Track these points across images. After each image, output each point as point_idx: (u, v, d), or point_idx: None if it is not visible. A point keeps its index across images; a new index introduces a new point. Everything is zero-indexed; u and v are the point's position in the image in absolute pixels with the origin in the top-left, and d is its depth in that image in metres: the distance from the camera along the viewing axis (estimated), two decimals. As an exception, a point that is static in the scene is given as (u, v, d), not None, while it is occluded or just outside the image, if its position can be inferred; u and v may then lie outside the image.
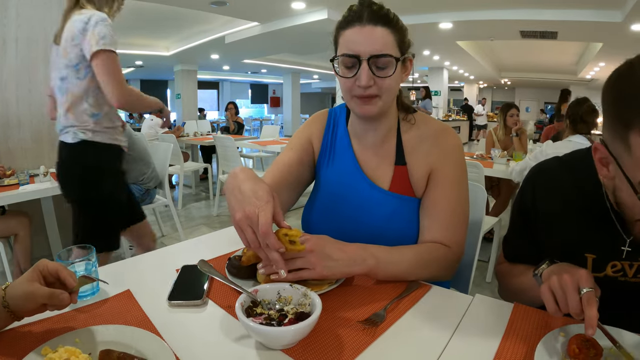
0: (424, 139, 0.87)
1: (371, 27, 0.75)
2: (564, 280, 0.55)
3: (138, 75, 13.28)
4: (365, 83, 0.75)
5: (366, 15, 0.75)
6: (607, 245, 0.68)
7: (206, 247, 0.97)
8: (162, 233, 3.31)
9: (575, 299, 0.53)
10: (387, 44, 0.75)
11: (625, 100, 0.50)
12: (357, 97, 0.79)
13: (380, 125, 0.89)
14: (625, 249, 0.65)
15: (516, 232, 0.83)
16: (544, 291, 0.57)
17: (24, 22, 2.40)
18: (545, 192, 0.75)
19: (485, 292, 2.33)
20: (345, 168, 0.93)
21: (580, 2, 4.69)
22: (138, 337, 0.55)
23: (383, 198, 0.87)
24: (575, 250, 0.70)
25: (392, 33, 0.76)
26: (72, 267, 0.69)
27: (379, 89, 0.78)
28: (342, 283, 0.73)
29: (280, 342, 0.55)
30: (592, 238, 0.69)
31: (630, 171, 0.52)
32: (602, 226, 0.67)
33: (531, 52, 9.05)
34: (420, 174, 0.86)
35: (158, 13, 5.79)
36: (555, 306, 0.55)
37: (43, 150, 2.57)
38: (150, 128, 4.81)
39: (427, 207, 0.85)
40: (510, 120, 3.30)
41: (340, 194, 0.92)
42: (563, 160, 0.76)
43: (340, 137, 0.96)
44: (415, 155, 0.87)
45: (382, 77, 0.76)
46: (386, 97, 0.80)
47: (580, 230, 0.70)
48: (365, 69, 0.75)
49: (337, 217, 0.91)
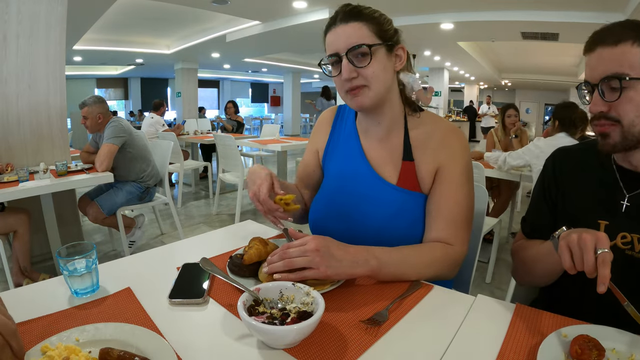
0: (432, 136, 0.89)
1: (343, 25, 0.81)
2: (583, 238, 0.57)
3: (138, 73, 13.25)
4: (347, 75, 0.80)
5: (339, 17, 0.82)
6: (612, 206, 0.74)
7: (207, 245, 0.97)
8: (162, 231, 3.30)
9: (591, 257, 0.55)
10: (361, 36, 0.80)
11: None
12: (347, 91, 0.84)
13: (383, 119, 0.90)
14: (624, 204, 0.73)
15: (536, 206, 0.88)
16: (562, 247, 0.60)
17: (25, 19, 2.40)
18: (564, 165, 0.83)
19: (485, 292, 2.33)
20: (352, 162, 0.94)
21: (581, 4, 4.69)
22: (139, 335, 0.55)
23: (390, 192, 0.88)
24: (589, 217, 0.76)
25: (367, 24, 0.81)
26: (72, 264, 0.69)
27: (364, 78, 0.81)
28: (345, 282, 0.73)
29: (282, 342, 0.54)
30: (603, 203, 0.75)
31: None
32: (610, 190, 0.75)
33: (532, 54, 9.05)
34: (427, 170, 0.87)
35: (159, 11, 5.78)
36: (571, 262, 0.58)
37: (43, 147, 2.56)
38: (150, 126, 4.81)
39: (432, 205, 0.86)
40: (508, 121, 3.29)
41: (346, 185, 0.93)
42: (582, 142, 0.87)
43: (347, 132, 0.98)
44: (423, 152, 0.88)
45: (362, 66, 0.80)
46: (375, 85, 0.82)
47: (593, 197, 0.77)
48: (344, 63, 0.80)
49: (343, 210, 0.92)
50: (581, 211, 0.78)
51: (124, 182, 2.53)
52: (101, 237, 3.21)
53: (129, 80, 14.28)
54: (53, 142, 2.62)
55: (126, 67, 11.81)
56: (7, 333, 0.46)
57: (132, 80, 14.31)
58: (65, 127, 2.70)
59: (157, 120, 4.89)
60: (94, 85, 13.26)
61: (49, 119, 2.58)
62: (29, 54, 2.44)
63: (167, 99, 14.17)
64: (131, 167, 2.53)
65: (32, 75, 2.47)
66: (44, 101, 2.54)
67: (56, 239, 2.36)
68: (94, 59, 9.55)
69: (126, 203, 2.52)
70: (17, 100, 2.43)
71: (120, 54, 8.62)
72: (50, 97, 2.57)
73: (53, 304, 0.66)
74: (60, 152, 2.65)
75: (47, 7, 2.49)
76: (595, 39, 0.69)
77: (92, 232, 3.33)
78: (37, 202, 2.27)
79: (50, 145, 2.61)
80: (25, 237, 2.10)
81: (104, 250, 2.94)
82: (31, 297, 0.70)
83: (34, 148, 2.52)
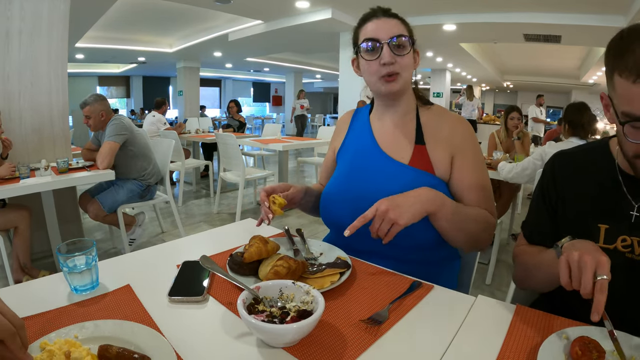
0: (442, 125, 0.96)
1: (385, 18, 0.92)
2: (584, 259, 0.56)
3: (140, 71, 13.26)
4: (389, 59, 0.88)
5: (379, 12, 0.93)
6: (617, 213, 0.73)
7: (207, 244, 0.97)
8: (162, 229, 3.30)
9: (589, 280, 0.55)
10: (401, 29, 0.91)
11: (610, 51, 0.64)
12: (382, 76, 0.91)
13: (399, 107, 0.99)
14: (634, 214, 0.71)
15: (536, 210, 0.88)
16: (562, 263, 0.59)
17: (28, 16, 2.40)
18: (564, 168, 0.84)
19: (485, 294, 2.32)
20: (364, 148, 1.01)
21: (584, 6, 4.68)
22: (138, 333, 0.55)
23: (401, 170, 0.93)
24: (589, 220, 0.75)
25: (403, 24, 0.93)
26: (72, 260, 0.69)
27: (400, 66, 0.90)
28: (344, 281, 0.73)
29: (282, 340, 0.54)
30: (604, 207, 0.75)
31: (617, 106, 0.64)
32: (613, 195, 0.74)
33: (534, 56, 9.04)
34: (441, 156, 0.93)
35: (162, 10, 5.78)
36: (568, 279, 0.58)
37: (44, 144, 2.57)
38: (152, 124, 4.81)
39: (458, 182, 0.93)
40: (511, 123, 3.28)
41: (358, 165, 0.99)
42: (579, 146, 0.86)
43: (360, 125, 1.06)
44: (435, 139, 0.95)
45: (401, 54, 0.89)
46: (405, 74, 0.91)
47: (593, 201, 0.77)
48: (386, 49, 0.88)
49: (354, 186, 0.97)
50: (581, 214, 0.77)
51: (125, 180, 2.53)
52: (101, 235, 3.21)
53: (130, 78, 14.29)
54: (54, 139, 2.62)
55: (128, 65, 11.81)
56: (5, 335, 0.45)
57: (134, 79, 14.32)
58: (67, 125, 2.70)
59: (158, 119, 4.89)
60: (96, 83, 13.26)
61: (50, 116, 2.58)
62: (31, 52, 2.44)
63: (168, 98, 14.16)
64: (132, 165, 2.53)
65: (35, 72, 2.47)
66: (45, 99, 2.54)
67: (56, 236, 2.36)
68: (96, 57, 9.55)
69: (127, 201, 2.52)
70: (19, 98, 2.43)
71: (123, 52, 8.62)
72: (52, 95, 2.57)
73: (52, 301, 0.66)
74: (61, 150, 2.65)
75: (50, 4, 2.48)
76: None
77: (93, 229, 3.33)
78: (37, 199, 2.27)
79: (51, 142, 2.61)
80: (25, 234, 2.10)
81: (104, 247, 2.95)
82: (31, 293, 0.70)
83: (35, 145, 2.52)
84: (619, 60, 0.60)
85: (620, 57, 0.60)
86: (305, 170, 6.36)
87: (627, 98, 0.60)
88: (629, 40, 0.60)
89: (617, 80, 0.62)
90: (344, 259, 0.81)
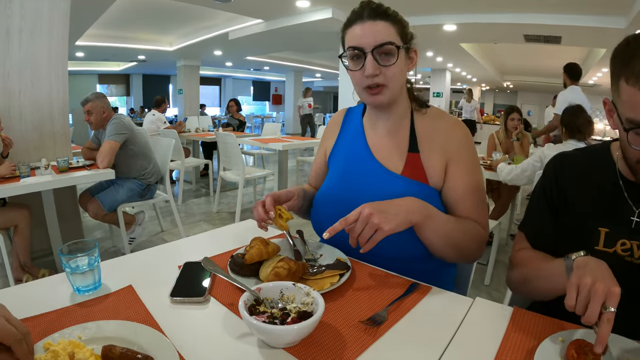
0: (438, 130, 0.92)
1: (371, 22, 0.82)
2: (596, 287, 0.54)
3: (140, 70, 13.23)
4: (372, 72, 0.81)
5: (366, 13, 0.83)
6: (618, 217, 0.73)
7: (208, 244, 0.97)
8: (162, 228, 3.31)
9: (596, 312, 0.53)
10: (389, 35, 0.82)
11: (616, 58, 0.64)
12: (367, 88, 0.85)
13: (391, 114, 0.94)
14: (634, 219, 0.71)
15: (539, 213, 0.86)
16: (571, 285, 0.56)
17: (28, 14, 2.40)
18: (565, 170, 0.83)
19: (483, 294, 2.34)
20: (356, 154, 0.97)
21: (584, 7, 4.68)
22: (140, 333, 0.56)
23: (393, 180, 0.90)
24: (589, 223, 0.75)
25: (392, 25, 0.83)
26: (75, 261, 0.70)
27: (385, 78, 0.83)
28: (344, 283, 0.74)
29: (282, 341, 0.55)
30: (604, 211, 0.75)
31: (621, 112, 0.64)
32: (614, 200, 0.74)
33: (534, 56, 9.02)
34: (435, 163, 0.89)
35: (162, 8, 5.77)
36: (574, 303, 0.55)
37: (44, 142, 2.57)
38: (151, 123, 4.81)
39: (451, 192, 0.89)
40: (511, 124, 3.29)
41: (350, 172, 0.96)
42: (581, 148, 0.86)
43: (353, 128, 1.02)
44: (429, 145, 0.91)
45: (387, 65, 0.82)
46: (393, 85, 0.85)
47: (594, 204, 0.76)
48: (370, 59, 0.81)
49: (345, 196, 0.93)
50: (581, 217, 0.77)
51: (125, 179, 2.53)
52: (101, 234, 3.22)
53: (130, 76, 14.26)
54: (55, 138, 2.62)
55: (128, 64, 11.78)
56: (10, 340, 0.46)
57: (134, 77, 14.29)
58: (67, 123, 2.70)
59: (158, 118, 4.89)
60: (96, 81, 13.23)
61: (51, 114, 2.58)
62: (31, 50, 2.44)
63: (168, 96, 14.14)
64: (132, 164, 2.53)
65: (35, 70, 2.47)
66: (46, 97, 2.54)
67: (56, 235, 2.36)
68: (96, 55, 9.53)
69: (127, 200, 2.52)
70: (19, 96, 2.43)
71: (123, 51, 8.60)
72: (53, 93, 2.57)
73: (55, 301, 0.67)
74: (61, 148, 2.65)
75: (51, 2, 2.48)
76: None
77: (93, 228, 3.34)
78: (38, 197, 2.28)
79: (51, 141, 2.61)
80: (25, 232, 2.11)
81: (104, 246, 2.95)
82: (33, 294, 0.70)
83: (35, 144, 2.52)
84: (625, 67, 0.60)
85: (627, 63, 0.60)
86: (305, 169, 6.37)
87: (632, 104, 0.60)
88: (635, 47, 0.60)
89: (622, 86, 0.62)
90: (343, 260, 0.81)
